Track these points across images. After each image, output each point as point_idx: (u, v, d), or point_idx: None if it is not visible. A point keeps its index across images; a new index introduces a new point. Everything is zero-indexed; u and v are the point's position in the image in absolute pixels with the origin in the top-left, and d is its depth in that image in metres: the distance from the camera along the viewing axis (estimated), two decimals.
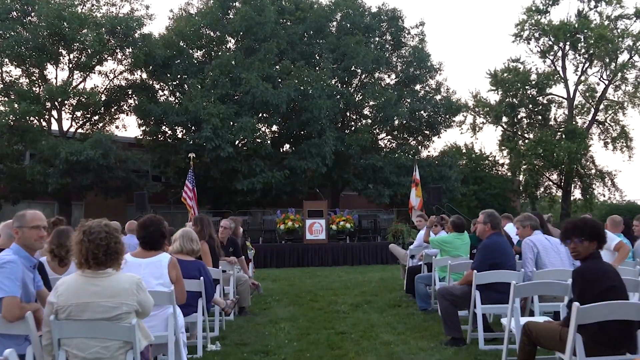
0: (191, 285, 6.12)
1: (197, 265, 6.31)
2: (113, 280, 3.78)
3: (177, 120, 25.56)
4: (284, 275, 15.58)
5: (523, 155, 40.47)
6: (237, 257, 9.24)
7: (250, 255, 11.19)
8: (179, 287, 5.45)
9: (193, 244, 6.34)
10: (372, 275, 15.06)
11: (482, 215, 6.97)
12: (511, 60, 43.53)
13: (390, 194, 29.70)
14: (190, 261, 6.27)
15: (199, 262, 6.38)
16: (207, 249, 7.70)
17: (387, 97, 30.07)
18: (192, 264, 6.27)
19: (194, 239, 6.36)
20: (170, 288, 5.30)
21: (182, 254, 6.25)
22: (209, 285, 6.33)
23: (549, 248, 6.68)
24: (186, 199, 18.47)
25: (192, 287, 6.14)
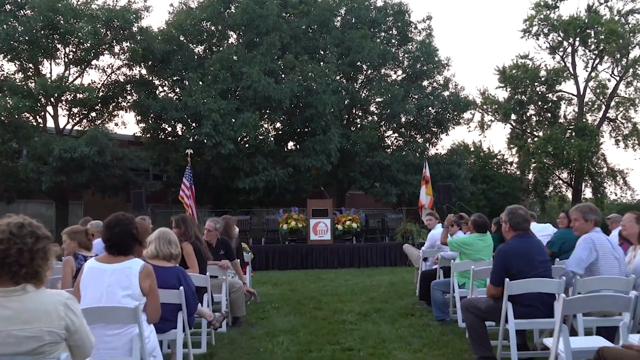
0: (169, 296, 5.16)
1: (177, 272, 5.31)
2: (30, 301, 2.73)
3: (177, 116, 24.57)
4: (286, 278, 14.58)
5: (532, 153, 39.65)
6: (230, 260, 8.25)
7: (247, 258, 10.16)
8: (152, 301, 4.50)
9: (171, 247, 5.33)
10: (381, 278, 14.03)
11: (504, 214, 5.92)
12: (520, 57, 42.75)
13: (397, 193, 28.75)
14: (168, 268, 5.28)
15: (179, 269, 5.38)
16: (190, 250, 6.72)
17: (394, 93, 29.08)
18: (171, 271, 5.28)
19: (172, 242, 5.36)
20: (139, 301, 4.34)
21: (158, 259, 5.26)
22: (191, 296, 5.35)
23: (609, 252, 5.56)
24: (183, 198, 17.53)
25: (171, 299, 5.17)
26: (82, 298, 4.42)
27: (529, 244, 5.61)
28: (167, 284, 5.18)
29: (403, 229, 18.50)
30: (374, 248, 18.41)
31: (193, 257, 6.72)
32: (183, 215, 7.20)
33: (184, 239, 6.81)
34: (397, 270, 16.43)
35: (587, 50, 41.04)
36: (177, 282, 5.24)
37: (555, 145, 37.19)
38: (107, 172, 23.48)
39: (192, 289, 5.39)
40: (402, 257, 17.90)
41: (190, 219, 7.05)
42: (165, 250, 5.27)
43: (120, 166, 24.14)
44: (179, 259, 5.52)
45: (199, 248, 6.86)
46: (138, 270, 4.43)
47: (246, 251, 10.37)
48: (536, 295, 5.38)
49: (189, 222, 6.96)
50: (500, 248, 5.64)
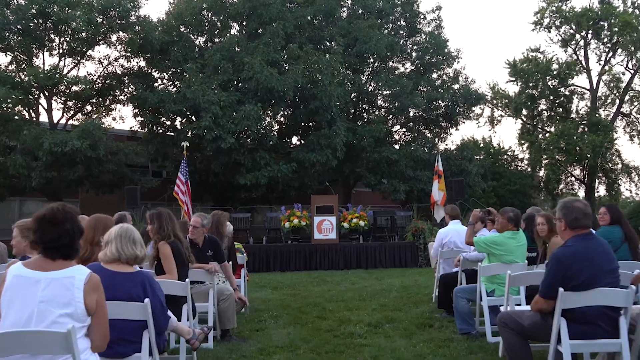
0: (132, 311, 4.02)
1: (141, 278, 4.16)
2: None
3: (175, 109, 23.41)
4: (288, 281, 13.42)
5: (544, 149, 38.63)
6: (219, 263, 7.10)
7: (242, 260, 8.99)
8: (99, 322, 3.39)
9: (136, 247, 4.17)
10: (391, 281, 12.83)
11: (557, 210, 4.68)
12: (530, 50, 41.51)
13: (406, 190, 27.63)
14: (132, 274, 4.13)
15: (144, 275, 4.21)
16: (168, 251, 5.56)
17: (402, 85, 27.95)
18: (134, 278, 4.13)
19: (136, 241, 4.20)
20: (82, 323, 3.21)
21: (119, 264, 4.11)
22: (159, 310, 4.19)
23: None
24: (178, 194, 16.32)
25: (134, 314, 4.03)
26: (2, 319, 3.29)
27: (594, 247, 4.36)
28: (130, 295, 4.05)
29: (414, 227, 17.25)
30: (382, 248, 17.18)
31: (171, 260, 5.56)
32: (160, 209, 6.00)
33: (159, 238, 5.67)
34: (408, 271, 15.25)
35: (600, 43, 39.91)
36: (142, 291, 4.10)
37: (567, 141, 36.13)
38: (101, 167, 22.38)
39: (161, 300, 4.23)
40: (414, 258, 16.82)
41: (166, 214, 5.85)
42: (128, 252, 4.12)
43: (115, 161, 23.01)
44: (144, 262, 4.38)
45: (178, 249, 5.68)
46: (83, 281, 3.33)
47: (240, 252, 9.20)
48: (598, 310, 4.21)
49: (164, 218, 5.78)
50: (556, 253, 4.39)
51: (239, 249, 9.24)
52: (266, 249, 17.00)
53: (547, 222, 6.35)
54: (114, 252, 4.09)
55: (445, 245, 8.90)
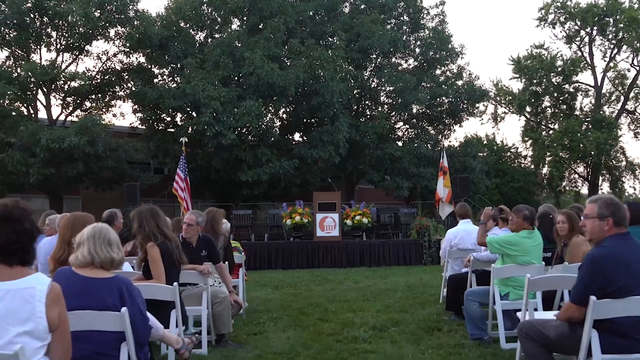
0: (108, 321, 3.59)
1: (118, 285, 3.70)
2: None
3: (174, 105, 22.95)
4: (289, 279, 12.98)
5: (548, 146, 38.16)
6: (214, 263, 6.67)
7: (240, 259, 8.55)
8: (61, 338, 2.95)
9: (112, 249, 3.73)
10: (396, 280, 12.38)
11: (592, 205, 4.16)
12: (535, 47, 41.09)
13: (409, 186, 27.19)
14: (107, 280, 3.69)
15: (121, 280, 3.76)
16: (156, 254, 5.11)
17: (405, 81, 27.50)
18: (109, 285, 3.68)
19: (112, 242, 3.75)
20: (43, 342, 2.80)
21: (93, 268, 3.67)
22: (140, 319, 3.75)
23: None
24: (177, 190, 15.93)
25: (108, 325, 3.61)
26: None
27: (632, 250, 3.87)
28: (105, 304, 3.61)
29: (418, 224, 16.80)
30: (386, 245, 16.73)
31: (159, 264, 5.10)
32: (151, 206, 5.51)
33: (142, 238, 5.22)
34: (412, 270, 14.81)
35: (605, 39, 39.46)
36: (119, 299, 3.65)
37: (571, 138, 35.73)
38: (100, 164, 21.94)
39: (140, 309, 3.78)
40: (418, 256, 16.39)
41: (146, 212, 5.32)
42: (103, 255, 3.67)
43: (114, 158, 22.56)
44: (121, 266, 3.93)
45: (168, 250, 5.23)
46: (45, 292, 2.88)
47: (238, 251, 8.76)
48: (636, 322, 3.76)
49: (143, 216, 5.29)
50: (592, 254, 3.89)
51: (237, 247, 8.82)
52: (267, 246, 16.58)
53: (568, 221, 5.92)
54: (87, 255, 3.64)
55: (455, 247, 8.46)
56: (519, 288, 6.08)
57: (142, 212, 5.32)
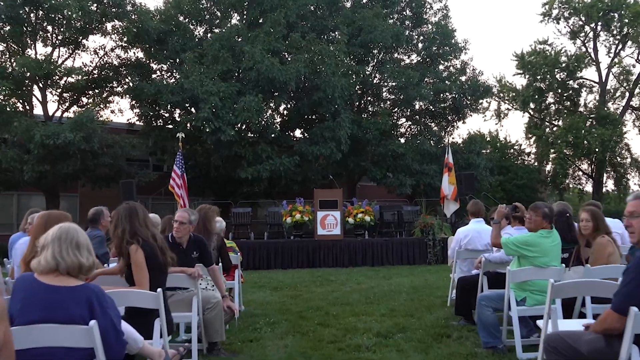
0: (72, 336, 3.11)
1: (87, 294, 3.20)
2: None
3: (172, 100, 22.43)
4: (289, 280, 12.49)
5: (552, 143, 37.92)
6: (206, 266, 6.17)
7: (236, 260, 8.05)
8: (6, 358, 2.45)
9: (80, 253, 3.24)
10: (400, 281, 11.88)
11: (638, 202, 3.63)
12: (538, 42, 40.69)
13: (412, 184, 26.75)
14: (73, 288, 3.20)
15: (90, 289, 3.26)
16: (140, 258, 4.58)
17: (408, 76, 26.99)
18: (77, 294, 3.19)
19: (81, 245, 3.26)
20: None
21: (57, 275, 3.18)
22: (112, 333, 3.25)
23: None
24: (174, 187, 15.42)
25: (75, 340, 3.12)
26: None
27: None
28: (70, 316, 3.12)
29: (422, 222, 16.29)
30: (389, 244, 16.22)
31: (142, 269, 4.57)
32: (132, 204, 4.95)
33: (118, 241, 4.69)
34: (417, 270, 14.30)
35: (609, 35, 39.15)
36: (88, 311, 3.16)
37: (576, 135, 35.32)
38: (96, 161, 21.46)
39: (113, 322, 3.28)
40: (422, 255, 15.90)
41: (124, 211, 4.67)
42: (69, 259, 3.19)
43: (111, 154, 22.06)
44: (92, 272, 3.43)
45: (153, 253, 4.69)
46: None
47: (234, 251, 8.26)
48: None
49: (120, 216, 4.72)
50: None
51: (232, 247, 8.30)
52: (267, 245, 16.06)
53: (593, 219, 5.44)
54: (50, 260, 3.15)
55: (464, 247, 7.95)
56: (537, 293, 5.60)
57: (120, 211, 4.78)
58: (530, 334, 5.99)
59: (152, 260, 4.66)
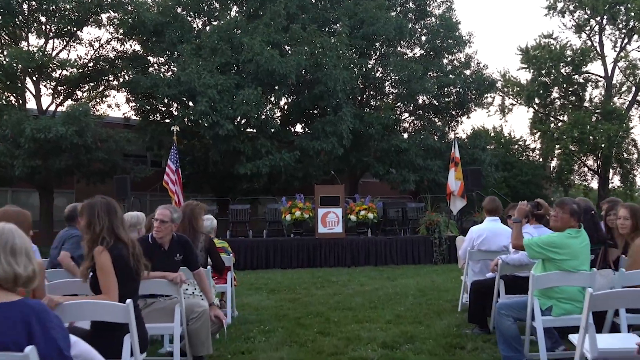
0: None
1: (23, 312, 2.50)
2: None
3: (169, 93, 21.75)
4: (288, 281, 11.82)
5: (557, 138, 37.31)
6: (192, 270, 5.50)
7: (228, 261, 7.37)
8: None
9: (17, 260, 2.55)
10: (406, 282, 11.20)
11: None
12: (543, 36, 40.14)
13: (416, 180, 26.06)
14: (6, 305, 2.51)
15: (29, 306, 2.56)
16: (106, 262, 3.88)
17: (412, 70, 26.28)
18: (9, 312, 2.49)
19: (17, 250, 2.57)
20: None
21: None
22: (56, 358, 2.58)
23: None
24: (168, 183, 14.82)
25: None
26: None
27: None
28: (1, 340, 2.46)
29: (428, 220, 15.58)
30: (393, 243, 15.51)
31: (109, 275, 3.87)
32: (94, 199, 4.25)
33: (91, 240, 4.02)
34: (422, 269, 13.62)
35: (615, 28, 38.60)
36: (25, 333, 2.49)
37: (581, 130, 34.68)
38: (90, 155, 20.78)
39: (59, 346, 2.59)
40: (428, 254, 15.24)
41: (101, 205, 4.00)
42: (2, 270, 2.51)
43: (105, 149, 21.39)
44: (33, 284, 2.75)
45: (122, 257, 3.97)
46: None
47: (226, 252, 7.59)
48: None
49: (97, 210, 4.00)
50: None
51: (224, 248, 7.63)
52: (265, 244, 15.36)
53: (632, 217, 4.77)
54: None
55: (476, 247, 7.30)
56: (565, 301, 4.94)
57: (96, 205, 4.05)
58: (556, 347, 5.32)
59: (122, 266, 3.98)
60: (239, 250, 14.81)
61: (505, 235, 7.15)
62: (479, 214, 16.68)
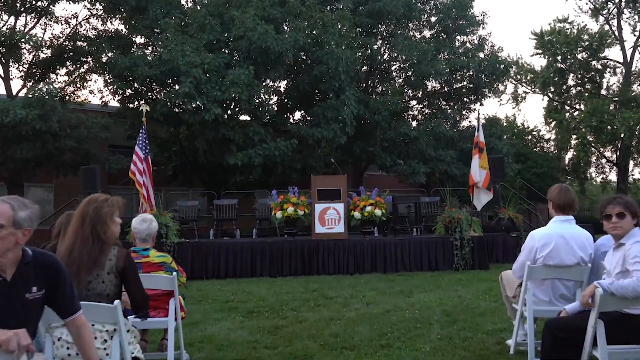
0: None
1: None
2: None
3: (149, 74, 19.19)
4: (274, 296, 9.27)
5: (574, 128, 35.54)
6: (65, 317, 2.99)
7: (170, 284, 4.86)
8: None
9: None
10: (426, 299, 8.58)
11: None
12: (558, 21, 38.34)
13: (426, 171, 23.57)
14: None
15: None
16: None
17: (423, 50, 23.81)
18: None
19: None
20: None
21: None
22: None
23: None
24: (135, 174, 12.29)
25: None
26: None
27: None
28: None
29: (448, 217, 12.94)
30: (405, 245, 12.81)
31: None
32: None
33: None
34: (442, 279, 11.01)
35: (634, 12, 36.79)
36: None
37: (600, 119, 32.45)
38: (57, 144, 18.28)
39: None
40: (447, 258, 12.71)
41: None
42: None
43: (75, 137, 18.86)
44: None
45: None
46: None
47: (167, 269, 5.09)
48: None
49: None
50: None
51: (165, 264, 5.12)
52: (251, 246, 12.68)
53: None
54: None
55: (540, 261, 4.82)
56: None
57: None
58: None
59: None
60: (219, 255, 12.32)
61: (585, 242, 4.75)
62: (505, 210, 14.21)
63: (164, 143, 23.28)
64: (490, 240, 13.73)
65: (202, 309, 8.08)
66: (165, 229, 11.95)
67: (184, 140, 22.84)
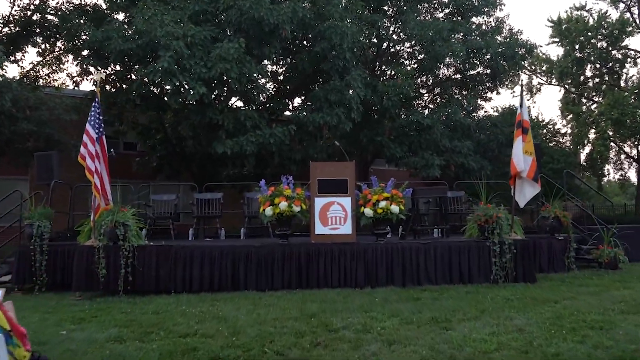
0: None
1: None
2: None
3: (123, 47, 16.48)
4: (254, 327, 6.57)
5: (594, 121, 33.38)
6: None
7: None
8: None
9: None
10: (473, 334, 5.88)
11: None
12: (575, 8, 36.23)
13: (441, 164, 21.02)
14: None
15: None
16: None
17: (437, 28, 21.26)
18: None
19: None
20: None
21: None
22: None
23: None
24: (85, 158, 9.62)
25: None
26: None
27: None
28: None
29: (483, 214, 10.19)
30: (429, 250, 10.02)
31: None
32: None
33: None
34: (484, 298, 8.30)
35: None
36: None
37: (622, 111, 30.23)
38: (13, 127, 15.62)
39: None
40: (484, 267, 9.99)
41: None
42: None
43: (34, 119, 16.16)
44: None
45: None
46: None
47: None
48: None
49: None
50: None
51: None
52: (234, 251, 9.96)
53: None
54: None
55: None
56: None
57: None
58: None
59: None
60: (191, 261, 9.66)
61: None
62: (549, 207, 11.54)
63: (146, 130, 20.72)
64: (533, 244, 11.02)
65: (142, 350, 5.42)
66: (122, 229, 9.32)
67: (168, 127, 20.29)
